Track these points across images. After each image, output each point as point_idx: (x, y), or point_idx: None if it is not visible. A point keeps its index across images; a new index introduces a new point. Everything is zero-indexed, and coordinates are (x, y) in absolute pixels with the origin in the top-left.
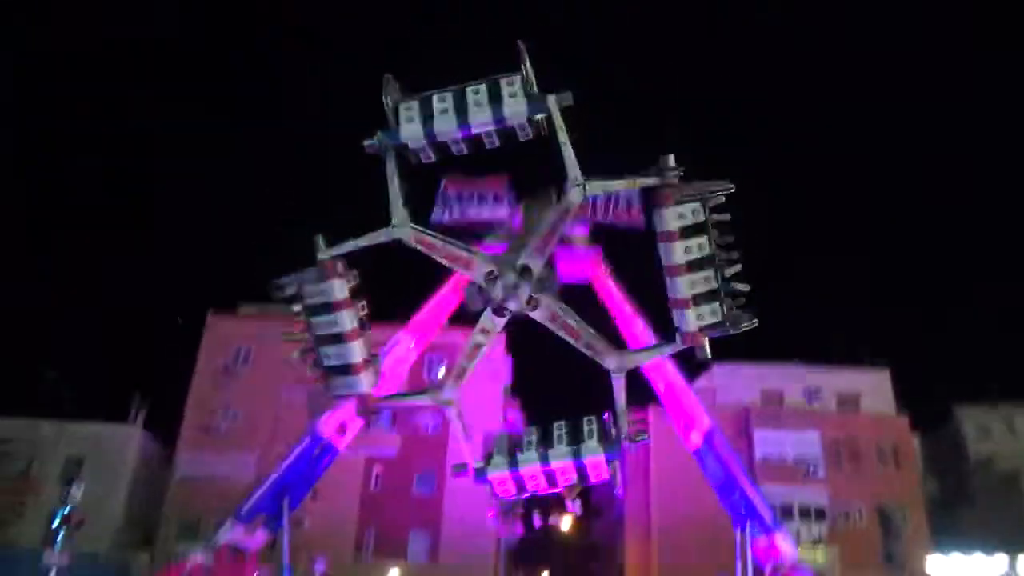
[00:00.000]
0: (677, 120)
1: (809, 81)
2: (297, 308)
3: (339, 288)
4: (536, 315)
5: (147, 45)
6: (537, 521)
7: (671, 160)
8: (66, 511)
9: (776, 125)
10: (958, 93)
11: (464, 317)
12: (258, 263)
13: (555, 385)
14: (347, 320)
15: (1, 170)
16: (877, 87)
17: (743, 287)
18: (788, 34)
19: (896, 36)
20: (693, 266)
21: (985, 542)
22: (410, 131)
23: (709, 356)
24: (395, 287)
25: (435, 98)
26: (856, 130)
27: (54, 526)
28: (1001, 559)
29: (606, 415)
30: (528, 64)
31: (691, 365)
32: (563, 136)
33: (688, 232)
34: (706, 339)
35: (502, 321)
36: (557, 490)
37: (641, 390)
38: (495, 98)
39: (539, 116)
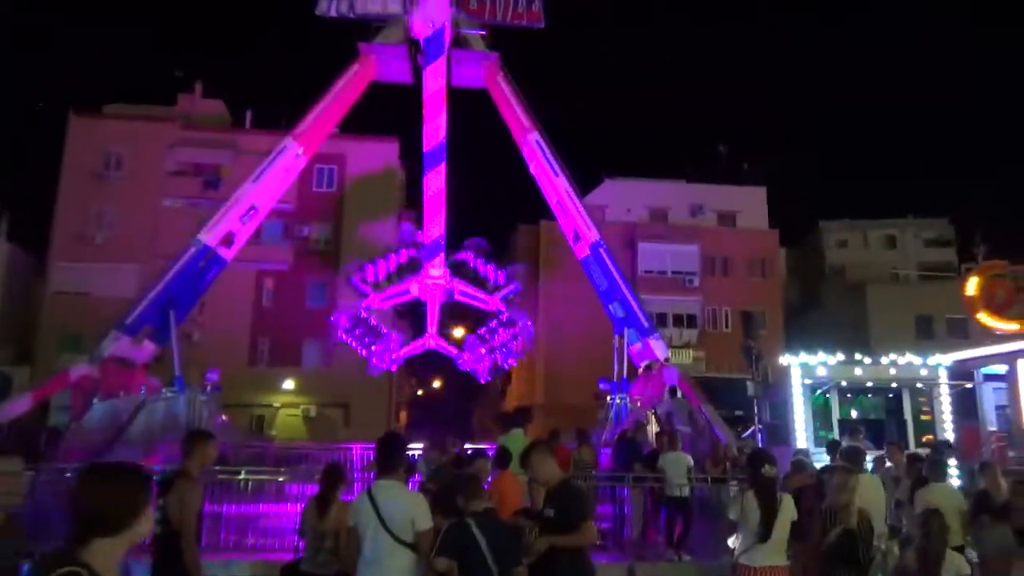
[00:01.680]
0: None
1: None
2: None
3: None
4: None
5: None
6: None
7: None
8: None
9: None
10: None
11: (352, 126)
12: (122, 60)
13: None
14: None
15: None
16: None
17: None
18: None
19: None
20: None
21: (829, 343)
22: None
23: None
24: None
25: None
26: None
27: None
28: (838, 357)
29: None
30: None
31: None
32: None
33: None
34: None
35: None
36: None
37: (537, 205)
38: None
39: None
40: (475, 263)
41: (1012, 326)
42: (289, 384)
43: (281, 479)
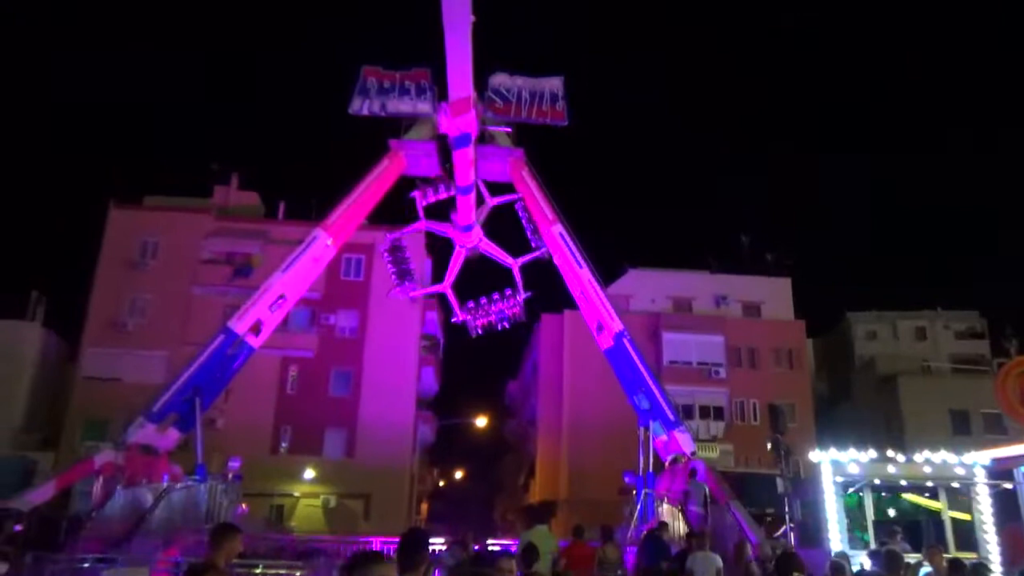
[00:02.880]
0: None
1: None
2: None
3: None
4: None
5: None
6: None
7: None
8: None
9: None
10: None
11: (382, 217)
12: (162, 154)
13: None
14: None
15: None
16: None
17: None
18: None
19: None
20: None
21: (861, 437)
22: None
23: None
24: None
25: None
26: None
27: None
28: (870, 454)
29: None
30: None
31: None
32: None
33: None
34: None
35: None
36: None
37: (561, 295)
38: None
39: None
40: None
41: None
42: (310, 473)
43: (298, 574)
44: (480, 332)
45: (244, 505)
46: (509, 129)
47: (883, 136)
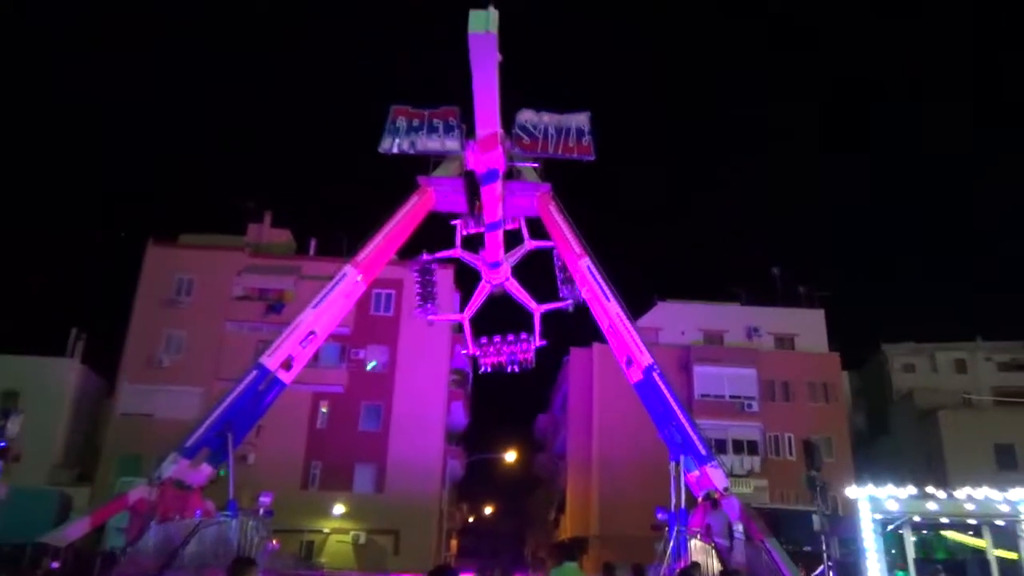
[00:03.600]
0: None
1: None
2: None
3: None
4: None
5: None
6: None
7: None
8: (2, 445)
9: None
10: None
11: (411, 252)
12: (198, 192)
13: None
14: None
15: None
16: None
17: None
18: None
19: None
20: None
21: (901, 473)
22: None
23: None
24: (343, 222)
25: None
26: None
27: None
28: (909, 490)
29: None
30: None
31: (636, 305)
32: None
33: None
34: None
35: None
36: None
37: (590, 329)
38: None
39: None
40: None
41: None
42: (340, 509)
43: None
44: (488, 370)
45: (275, 541)
46: (537, 164)
47: (928, 171)
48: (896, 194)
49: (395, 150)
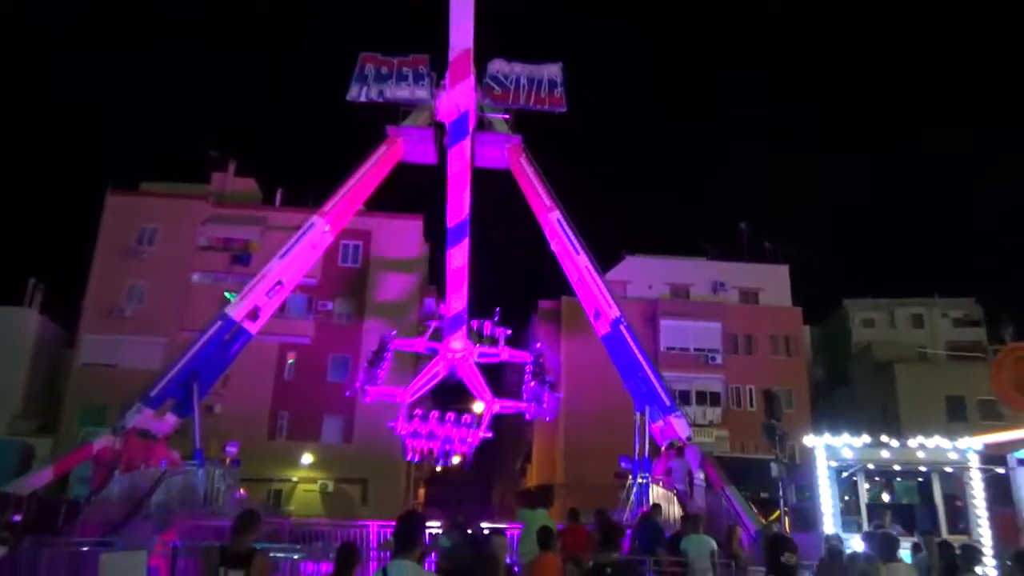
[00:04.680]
0: None
1: None
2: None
3: None
4: None
5: None
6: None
7: None
8: None
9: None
10: None
11: (378, 204)
12: (160, 141)
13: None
14: None
15: None
16: None
17: None
18: None
19: None
20: None
21: (858, 423)
22: None
23: None
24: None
25: None
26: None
27: None
28: (864, 439)
29: None
30: None
31: (605, 259)
32: None
33: None
34: None
35: None
36: None
37: (558, 281)
38: None
39: None
40: (491, 329)
41: None
42: (308, 459)
43: (296, 556)
44: (416, 459)
45: (242, 490)
46: (508, 116)
47: (882, 127)
48: (847, 145)
49: (363, 98)
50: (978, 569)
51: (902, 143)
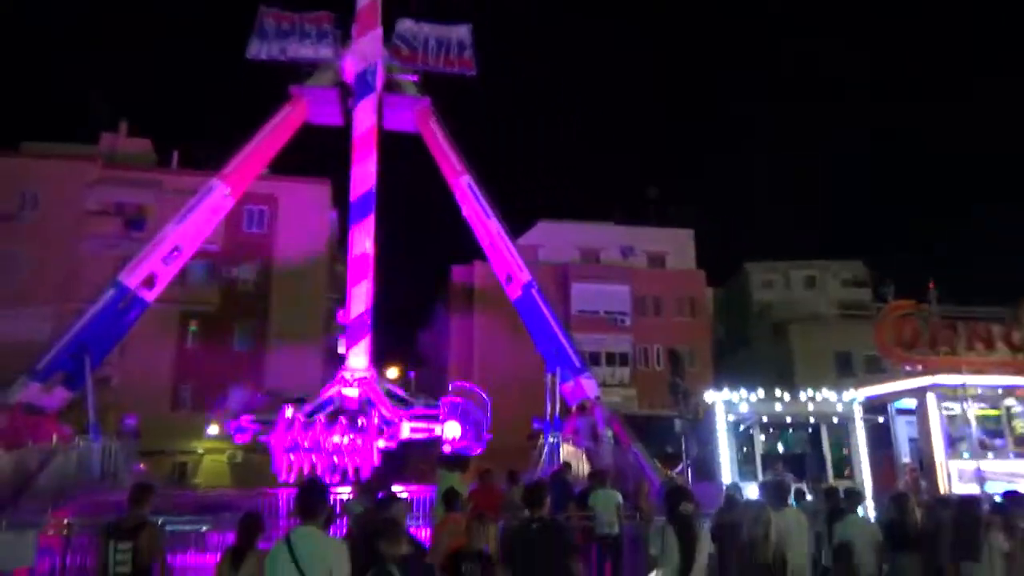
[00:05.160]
0: None
1: None
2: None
3: None
4: None
5: None
6: None
7: None
8: None
9: None
10: None
11: (286, 168)
12: (42, 98)
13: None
14: None
15: None
16: None
17: None
18: None
19: None
20: None
21: (757, 381)
22: None
23: None
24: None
25: None
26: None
27: None
28: (759, 394)
29: None
30: None
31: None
32: None
33: None
34: None
35: None
36: None
37: (471, 246)
38: None
39: None
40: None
41: (918, 364)
42: (214, 430)
43: (204, 528)
44: (291, 479)
45: (142, 464)
46: (416, 78)
47: (785, 87)
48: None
49: (264, 56)
50: (860, 510)
51: (808, 99)
